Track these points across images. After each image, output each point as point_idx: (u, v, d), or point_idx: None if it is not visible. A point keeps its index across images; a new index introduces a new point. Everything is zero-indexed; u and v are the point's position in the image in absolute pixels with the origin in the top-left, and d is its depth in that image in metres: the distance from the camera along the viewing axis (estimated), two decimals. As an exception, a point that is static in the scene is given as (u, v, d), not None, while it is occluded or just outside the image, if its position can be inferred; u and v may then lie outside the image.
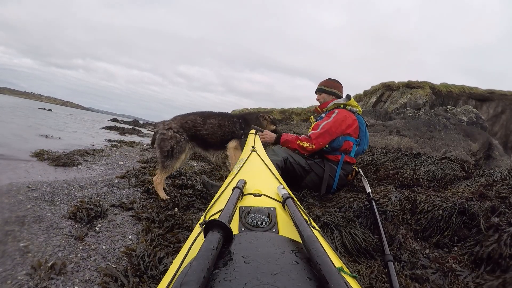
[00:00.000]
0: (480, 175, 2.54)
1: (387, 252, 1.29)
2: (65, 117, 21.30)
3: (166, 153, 2.35)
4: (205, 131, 2.50)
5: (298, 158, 2.45)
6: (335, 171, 2.46)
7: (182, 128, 2.44)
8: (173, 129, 2.41)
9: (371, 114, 10.89)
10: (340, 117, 2.44)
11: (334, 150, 2.47)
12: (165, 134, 2.37)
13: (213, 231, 0.53)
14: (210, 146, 2.57)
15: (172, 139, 2.36)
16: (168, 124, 2.43)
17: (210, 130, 2.52)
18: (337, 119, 2.43)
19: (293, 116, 20.19)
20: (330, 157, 2.49)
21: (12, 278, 1.23)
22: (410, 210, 1.77)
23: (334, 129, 2.41)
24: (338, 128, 2.42)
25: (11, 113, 13.90)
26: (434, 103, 14.74)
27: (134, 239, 1.69)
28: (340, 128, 2.43)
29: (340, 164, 2.46)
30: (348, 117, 2.48)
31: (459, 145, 7.20)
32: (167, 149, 2.34)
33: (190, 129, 2.47)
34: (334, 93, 2.67)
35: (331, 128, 2.40)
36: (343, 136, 2.46)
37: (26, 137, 6.09)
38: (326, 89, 2.69)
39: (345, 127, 2.45)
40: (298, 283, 0.45)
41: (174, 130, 2.40)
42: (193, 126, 2.48)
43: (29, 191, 2.32)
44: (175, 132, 2.40)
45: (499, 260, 1.28)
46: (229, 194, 0.82)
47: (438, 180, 2.52)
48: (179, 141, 2.38)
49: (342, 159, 2.46)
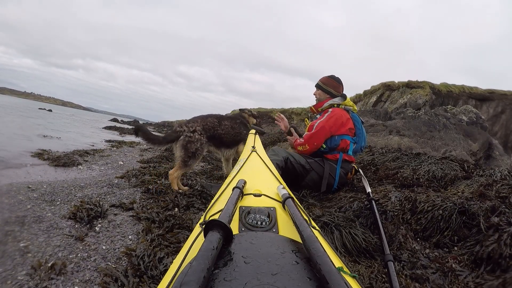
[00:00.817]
0: (480, 175, 2.54)
1: (387, 252, 1.29)
2: (65, 117, 21.30)
3: (191, 154, 2.55)
4: (221, 132, 2.77)
5: (299, 157, 2.46)
6: (335, 170, 2.46)
7: (203, 130, 2.67)
8: (198, 131, 2.62)
9: (371, 114, 10.89)
10: (333, 116, 2.46)
11: (332, 149, 2.49)
12: (192, 137, 2.57)
13: (213, 231, 0.53)
14: (223, 145, 2.85)
15: (197, 141, 2.58)
16: (192, 127, 2.63)
17: (225, 131, 2.80)
18: (330, 117, 2.45)
19: (293, 116, 20.18)
20: (329, 156, 2.49)
21: (12, 278, 1.23)
22: (410, 210, 1.77)
23: (327, 128, 2.42)
24: (332, 127, 2.43)
25: (11, 113, 13.89)
26: (434, 103, 14.73)
27: (134, 239, 1.69)
28: (334, 126, 2.44)
29: (339, 163, 2.47)
30: (343, 116, 2.49)
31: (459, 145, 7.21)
32: (192, 151, 2.55)
33: (209, 130, 2.71)
34: (329, 92, 2.66)
35: (324, 127, 2.41)
36: (339, 135, 2.47)
37: (26, 137, 6.09)
38: (322, 86, 2.68)
39: (339, 125, 2.46)
40: (298, 283, 0.45)
41: (199, 133, 2.62)
42: (212, 128, 2.73)
43: (29, 191, 2.32)
44: (200, 135, 2.62)
45: (499, 260, 1.28)
46: (229, 194, 0.82)
47: (438, 180, 2.52)
48: (202, 143, 2.62)
49: (341, 158, 2.47)
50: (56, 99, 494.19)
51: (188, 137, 2.56)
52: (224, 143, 2.84)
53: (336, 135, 2.46)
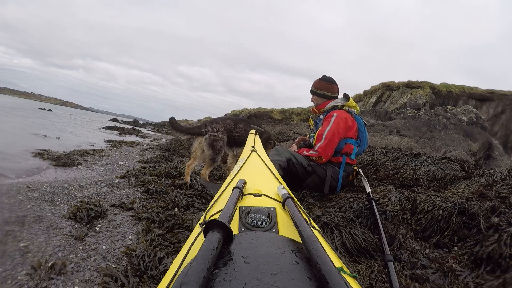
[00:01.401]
0: (480, 175, 2.54)
1: (387, 252, 1.29)
2: (65, 117, 21.31)
3: (217, 150, 2.89)
4: (236, 133, 3.11)
5: (301, 158, 2.44)
6: (338, 173, 2.45)
7: (225, 130, 3.01)
8: (221, 131, 2.96)
9: (371, 114, 10.89)
10: (340, 121, 2.41)
11: (336, 153, 2.45)
12: (216, 135, 2.91)
13: (213, 231, 0.53)
14: (235, 145, 3.16)
15: (221, 139, 2.94)
16: (216, 127, 2.97)
17: (240, 133, 3.12)
18: (338, 123, 2.40)
19: (293, 116, 20.17)
20: (332, 160, 2.47)
21: (12, 278, 1.23)
22: (410, 210, 1.77)
23: (337, 135, 2.39)
24: (340, 133, 2.41)
25: (11, 113, 13.90)
26: (434, 103, 14.73)
27: (134, 239, 1.69)
28: (342, 132, 2.42)
29: (342, 166, 2.46)
30: (348, 119, 2.45)
31: (459, 145, 7.21)
32: (218, 148, 2.89)
33: (228, 131, 3.05)
34: (324, 95, 2.61)
35: (334, 136, 2.38)
36: (344, 139, 2.45)
37: (26, 137, 6.09)
38: (316, 91, 2.64)
39: (346, 130, 2.44)
40: (298, 283, 0.45)
41: (221, 132, 2.96)
42: (230, 129, 3.07)
43: (29, 191, 2.32)
44: (222, 134, 2.96)
45: (499, 260, 1.28)
46: (229, 194, 0.82)
47: (438, 180, 2.52)
48: (224, 141, 2.97)
49: (344, 161, 2.46)
50: (56, 99, 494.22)
51: (213, 135, 2.89)
52: (237, 143, 3.14)
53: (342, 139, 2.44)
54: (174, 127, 2.98)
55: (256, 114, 19.89)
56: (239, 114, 20.61)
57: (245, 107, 22.94)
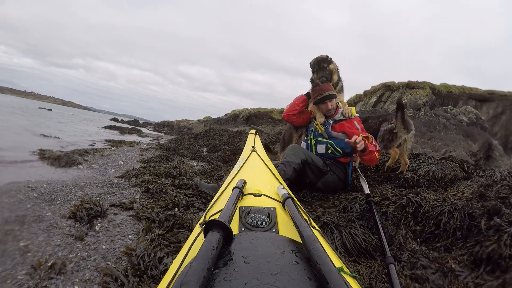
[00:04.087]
0: (480, 176, 2.54)
1: (388, 254, 1.29)
2: (65, 116, 21.30)
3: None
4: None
5: (316, 158, 2.40)
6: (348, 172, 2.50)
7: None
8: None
9: (371, 114, 10.88)
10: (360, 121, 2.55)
11: (347, 153, 2.43)
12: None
13: (213, 231, 0.53)
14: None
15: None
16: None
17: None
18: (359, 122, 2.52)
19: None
20: (342, 160, 2.47)
21: (12, 278, 1.23)
22: (410, 211, 1.77)
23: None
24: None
25: (11, 113, 13.89)
26: (434, 104, 14.72)
27: (134, 239, 1.69)
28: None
29: (350, 165, 2.50)
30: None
31: (459, 145, 7.21)
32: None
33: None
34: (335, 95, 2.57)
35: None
36: None
37: (25, 136, 6.09)
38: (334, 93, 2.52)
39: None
40: (298, 283, 0.45)
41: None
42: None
43: (29, 190, 2.32)
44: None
45: (499, 261, 1.28)
46: (229, 194, 0.82)
47: (438, 180, 2.52)
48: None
49: (352, 160, 2.51)
50: (56, 99, 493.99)
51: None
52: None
53: None
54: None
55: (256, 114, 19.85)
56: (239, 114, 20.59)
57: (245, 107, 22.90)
